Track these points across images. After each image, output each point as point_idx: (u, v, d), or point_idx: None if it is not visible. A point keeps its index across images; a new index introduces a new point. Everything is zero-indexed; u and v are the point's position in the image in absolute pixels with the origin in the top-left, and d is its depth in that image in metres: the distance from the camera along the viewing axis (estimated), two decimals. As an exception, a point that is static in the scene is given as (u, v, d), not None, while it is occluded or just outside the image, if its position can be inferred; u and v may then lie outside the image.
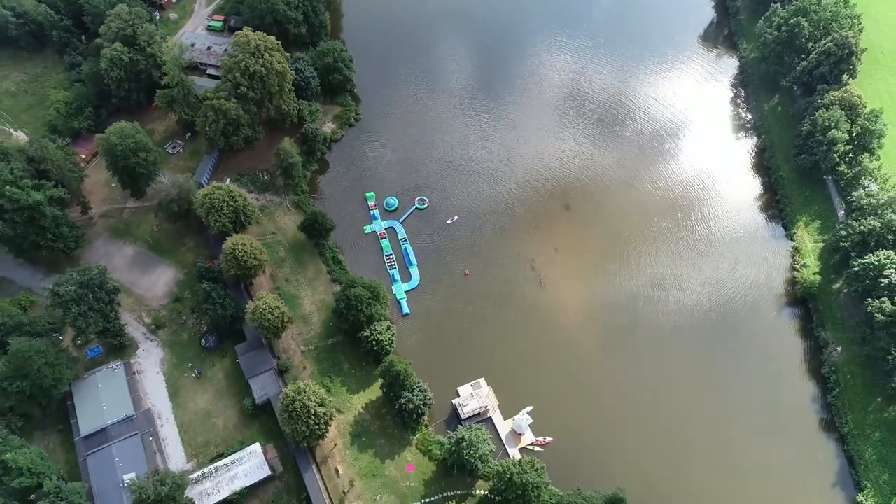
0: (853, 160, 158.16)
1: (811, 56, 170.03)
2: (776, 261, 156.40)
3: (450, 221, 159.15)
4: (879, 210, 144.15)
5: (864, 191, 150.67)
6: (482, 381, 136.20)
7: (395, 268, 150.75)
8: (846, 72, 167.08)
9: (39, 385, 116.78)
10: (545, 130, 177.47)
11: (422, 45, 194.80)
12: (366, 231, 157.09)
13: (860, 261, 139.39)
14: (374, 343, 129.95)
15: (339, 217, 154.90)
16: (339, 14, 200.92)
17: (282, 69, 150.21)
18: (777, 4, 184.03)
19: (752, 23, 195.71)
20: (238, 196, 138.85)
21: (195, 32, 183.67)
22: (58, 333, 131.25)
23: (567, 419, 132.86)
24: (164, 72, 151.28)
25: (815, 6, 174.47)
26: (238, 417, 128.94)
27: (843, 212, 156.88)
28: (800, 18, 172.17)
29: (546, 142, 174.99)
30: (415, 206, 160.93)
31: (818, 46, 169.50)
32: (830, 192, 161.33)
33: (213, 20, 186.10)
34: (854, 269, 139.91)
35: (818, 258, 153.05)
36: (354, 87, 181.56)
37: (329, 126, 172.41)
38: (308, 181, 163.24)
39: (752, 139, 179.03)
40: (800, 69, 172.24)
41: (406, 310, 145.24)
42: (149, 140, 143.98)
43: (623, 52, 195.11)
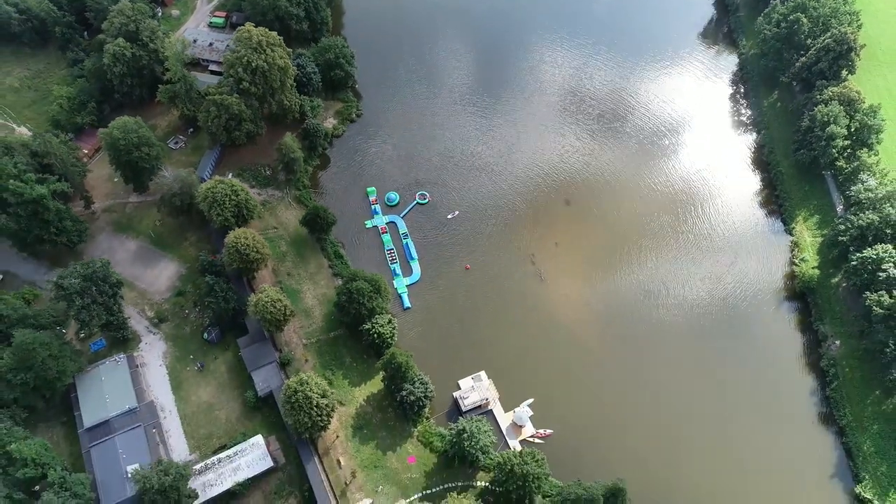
0: (852, 155, 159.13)
1: (810, 52, 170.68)
2: (775, 255, 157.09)
3: (450, 216, 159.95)
4: (878, 204, 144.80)
5: (863, 185, 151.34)
6: (483, 374, 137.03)
7: (397, 262, 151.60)
8: (845, 68, 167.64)
9: (43, 377, 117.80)
10: (545, 126, 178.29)
11: (423, 42, 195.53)
12: (367, 226, 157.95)
13: (858, 255, 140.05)
14: (376, 336, 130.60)
15: (341, 212, 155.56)
16: (341, 10, 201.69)
17: (284, 64, 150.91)
18: (776, 1, 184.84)
19: (752, 19, 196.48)
20: (240, 190, 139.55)
21: (197, 29, 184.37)
22: (61, 327, 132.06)
23: (567, 412, 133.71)
24: (167, 67, 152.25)
25: (815, 3, 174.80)
26: (240, 410, 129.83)
27: (842, 206, 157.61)
28: (799, 15, 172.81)
29: (546, 137, 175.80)
30: (416, 201, 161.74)
31: (817, 43, 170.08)
32: (829, 187, 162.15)
33: (215, 16, 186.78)
34: (852, 263, 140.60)
35: (817, 252, 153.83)
36: (356, 84, 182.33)
37: (330, 122, 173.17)
38: (309, 176, 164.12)
39: (752, 135, 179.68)
40: (799, 65, 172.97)
41: (407, 304, 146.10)
42: (151, 135, 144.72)
43: (623, 49, 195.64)
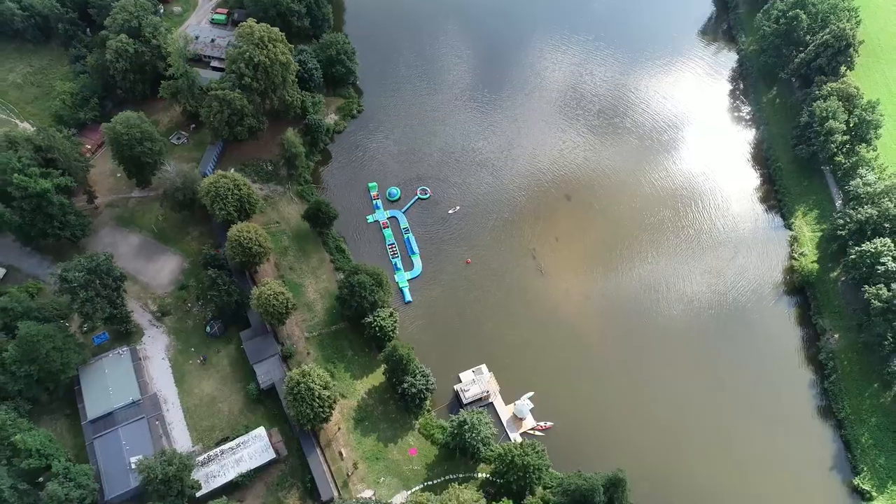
0: (850, 150, 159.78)
1: (809, 48, 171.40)
2: (775, 250, 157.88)
3: (451, 211, 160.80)
4: (876, 199, 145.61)
5: (861, 180, 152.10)
6: (484, 367, 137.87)
7: (398, 256, 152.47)
8: (844, 64, 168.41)
9: (47, 369, 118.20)
10: (546, 121, 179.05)
11: (423, 39, 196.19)
12: (368, 221, 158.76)
13: (857, 249, 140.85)
14: (377, 329, 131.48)
15: (342, 207, 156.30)
16: (342, 7, 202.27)
17: (285, 60, 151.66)
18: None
19: (751, 16, 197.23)
20: (242, 184, 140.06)
21: (199, 25, 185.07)
22: (64, 320, 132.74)
23: (567, 405, 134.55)
24: (169, 63, 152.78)
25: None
26: (243, 402, 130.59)
27: (841, 201, 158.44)
28: (798, 11, 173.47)
29: (547, 133, 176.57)
30: (417, 196, 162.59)
31: (816, 39, 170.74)
32: (828, 182, 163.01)
33: (217, 13, 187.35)
34: (851, 257, 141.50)
35: (816, 247, 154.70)
36: (357, 80, 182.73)
37: (332, 118, 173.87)
38: (311, 172, 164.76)
39: (751, 131, 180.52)
40: (798, 61, 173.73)
41: (408, 298, 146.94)
42: (154, 130, 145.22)
43: (623, 46, 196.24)
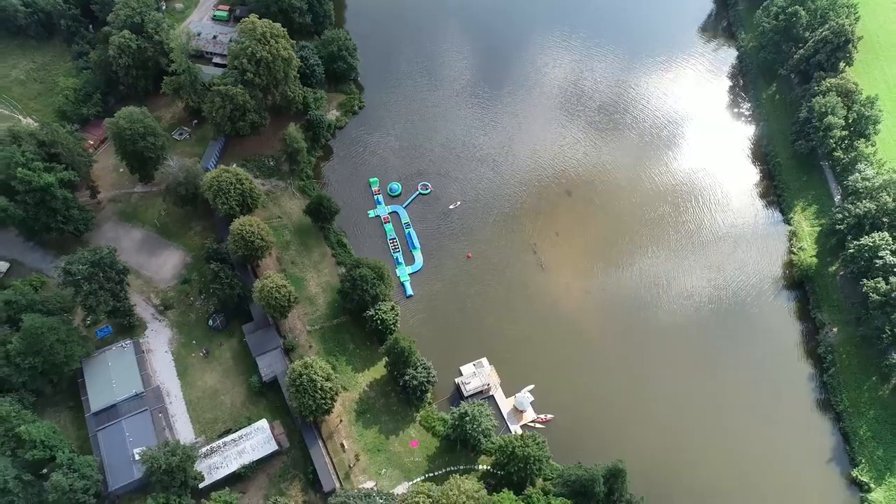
0: (849, 145, 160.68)
1: (808, 44, 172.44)
2: (774, 244, 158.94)
3: (452, 206, 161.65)
4: (874, 193, 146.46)
5: (860, 175, 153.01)
6: (484, 361, 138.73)
7: (399, 251, 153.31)
8: (843, 60, 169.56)
9: (51, 361, 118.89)
10: (546, 117, 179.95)
11: (424, 35, 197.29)
12: (370, 216, 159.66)
13: (856, 243, 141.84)
14: (379, 322, 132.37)
15: (344, 202, 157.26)
16: (343, 3, 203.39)
17: (287, 56, 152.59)
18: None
19: (751, 13, 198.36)
20: (245, 179, 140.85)
21: (201, 22, 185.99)
22: (68, 313, 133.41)
23: (567, 397, 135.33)
24: (172, 59, 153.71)
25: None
26: (245, 395, 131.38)
27: (840, 196, 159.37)
28: (797, 7, 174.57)
29: (547, 129, 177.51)
30: (418, 192, 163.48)
31: (815, 35, 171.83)
32: (827, 177, 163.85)
33: (219, 10, 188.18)
34: (850, 251, 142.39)
35: (815, 241, 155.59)
36: (358, 76, 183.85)
37: (333, 113, 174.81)
38: (312, 167, 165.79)
39: (751, 127, 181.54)
40: (797, 57, 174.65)
41: (410, 292, 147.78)
42: (157, 124, 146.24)
43: (623, 42, 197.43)
